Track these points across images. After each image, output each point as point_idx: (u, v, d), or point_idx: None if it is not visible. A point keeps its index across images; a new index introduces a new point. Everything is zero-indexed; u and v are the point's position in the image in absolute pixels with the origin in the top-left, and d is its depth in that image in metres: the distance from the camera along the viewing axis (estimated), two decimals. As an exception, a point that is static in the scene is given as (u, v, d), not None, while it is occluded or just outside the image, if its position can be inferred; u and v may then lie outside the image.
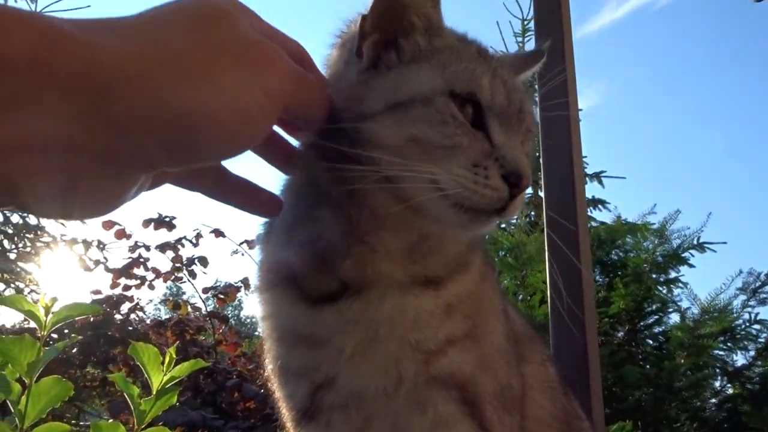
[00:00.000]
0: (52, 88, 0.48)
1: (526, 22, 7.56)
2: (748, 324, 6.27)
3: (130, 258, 5.40)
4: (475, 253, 0.92)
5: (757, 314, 6.29)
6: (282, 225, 0.91)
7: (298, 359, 0.89)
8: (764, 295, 6.18)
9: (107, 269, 5.51)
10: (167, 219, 5.51)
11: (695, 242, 6.65)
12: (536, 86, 1.52)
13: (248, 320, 21.64)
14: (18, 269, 5.68)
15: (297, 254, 0.87)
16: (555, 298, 1.74)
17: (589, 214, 8.53)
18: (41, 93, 0.48)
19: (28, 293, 5.64)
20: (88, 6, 5.44)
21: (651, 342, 6.56)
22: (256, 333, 6.61)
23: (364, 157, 0.79)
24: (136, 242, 5.43)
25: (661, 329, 6.39)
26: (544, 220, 1.87)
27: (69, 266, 5.62)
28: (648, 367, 5.92)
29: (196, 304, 6.15)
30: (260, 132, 0.64)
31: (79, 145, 0.51)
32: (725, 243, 6.91)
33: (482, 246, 0.99)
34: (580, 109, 9.22)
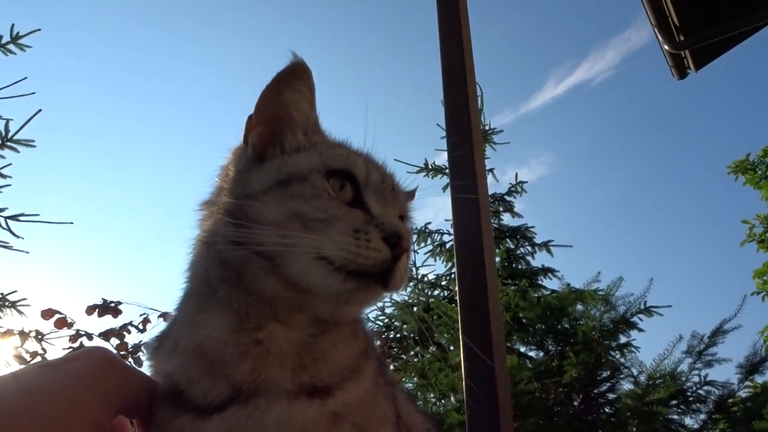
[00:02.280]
0: None
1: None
2: (698, 386, 6.38)
3: (71, 348, 5.22)
4: (368, 360, 0.92)
5: (706, 376, 6.43)
6: (172, 334, 0.92)
7: None
8: (709, 357, 6.31)
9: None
10: (112, 304, 5.38)
11: (642, 307, 6.84)
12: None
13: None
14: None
15: (184, 363, 0.85)
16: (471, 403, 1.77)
17: (539, 282, 8.69)
18: None
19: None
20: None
21: (607, 409, 6.57)
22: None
23: (248, 237, 0.83)
24: (77, 331, 5.27)
25: (615, 396, 6.43)
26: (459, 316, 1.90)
27: (3, 360, 5.38)
28: (605, 436, 5.91)
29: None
30: None
31: None
32: (670, 306, 7.14)
33: (377, 353, 0.99)
34: (525, 182, 9.45)
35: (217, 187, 1.00)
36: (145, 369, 0.95)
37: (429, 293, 9.30)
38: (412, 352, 8.56)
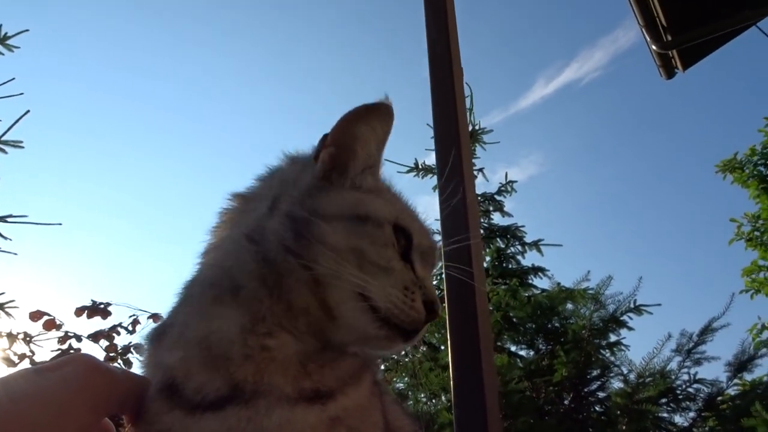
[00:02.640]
0: None
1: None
2: (687, 384, 6.43)
3: (59, 350, 5.17)
4: (367, 369, 0.94)
5: (695, 374, 6.49)
6: (177, 322, 0.90)
7: None
8: (698, 356, 6.37)
9: (34, 364, 5.26)
10: (102, 306, 5.34)
11: (632, 305, 6.89)
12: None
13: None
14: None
15: (186, 354, 0.84)
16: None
17: (529, 282, 8.72)
18: None
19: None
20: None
21: (597, 407, 6.61)
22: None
23: (305, 251, 0.85)
24: (66, 332, 5.22)
25: (605, 394, 6.47)
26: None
27: (-9, 362, 5.34)
28: (596, 434, 5.95)
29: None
30: None
31: None
32: (660, 305, 7.19)
33: (374, 366, 1.01)
34: (515, 181, 9.49)
35: (267, 187, 1.00)
36: (137, 368, 0.94)
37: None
38: (403, 352, 8.57)
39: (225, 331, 0.84)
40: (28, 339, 5.38)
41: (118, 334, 5.40)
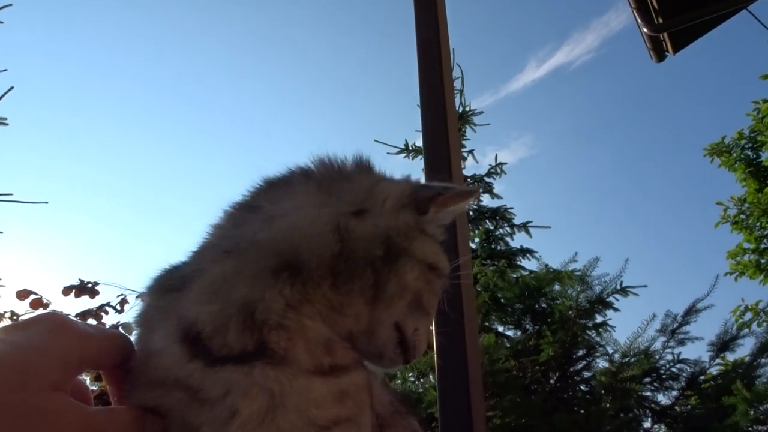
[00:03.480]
0: None
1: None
2: (671, 364, 6.55)
3: (47, 328, 5.16)
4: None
5: (679, 354, 6.60)
6: (214, 276, 0.89)
7: (173, 405, 0.81)
8: (682, 336, 6.47)
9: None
10: (89, 285, 5.32)
11: (618, 287, 6.97)
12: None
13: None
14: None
15: (224, 312, 0.85)
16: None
17: (518, 263, 8.80)
18: None
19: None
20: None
21: (582, 387, 6.72)
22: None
23: (383, 272, 0.93)
24: (53, 312, 5.20)
25: (590, 374, 6.57)
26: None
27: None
28: (581, 412, 6.05)
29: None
30: None
31: None
32: (646, 286, 7.28)
33: None
34: (505, 163, 9.52)
35: (337, 187, 1.02)
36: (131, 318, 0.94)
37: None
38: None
39: (273, 303, 0.86)
40: (14, 318, 5.37)
41: (107, 313, 5.39)
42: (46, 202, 5.51)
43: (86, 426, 0.72)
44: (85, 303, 5.31)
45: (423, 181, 1.17)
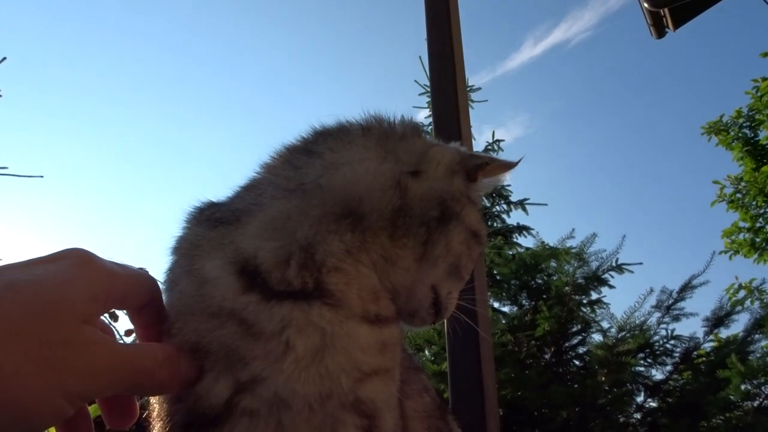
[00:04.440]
0: None
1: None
2: (665, 340, 6.62)
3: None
4: None
5: (673, 330, 6.67)
6: (276, 212, 0.90)
7: (223, 337, 0.80)
8: (677, 312, 6.54)
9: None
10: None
11: (614, 264, 7.01)
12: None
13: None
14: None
15: (287, 250, 0.85)
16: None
17: (514, 240, 8.83)
18: None
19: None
20: None
21: (577, 362, 6.80)
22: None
23: (435, 233, 0.97)
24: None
25: (585, 349, 6.64)
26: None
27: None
28: (576, 386, 6.13)
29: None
30: (45, 424, 0.67)
31: None
32: (641, 264, 7.33)
33: None
34: (502, 140, 9.47)
35: (391, 146, 1.04)
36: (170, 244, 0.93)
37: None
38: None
39: (334, 247, 0.88)
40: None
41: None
42: (42, 176, 5.49)
43: (117, 359, 0.71)
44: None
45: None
